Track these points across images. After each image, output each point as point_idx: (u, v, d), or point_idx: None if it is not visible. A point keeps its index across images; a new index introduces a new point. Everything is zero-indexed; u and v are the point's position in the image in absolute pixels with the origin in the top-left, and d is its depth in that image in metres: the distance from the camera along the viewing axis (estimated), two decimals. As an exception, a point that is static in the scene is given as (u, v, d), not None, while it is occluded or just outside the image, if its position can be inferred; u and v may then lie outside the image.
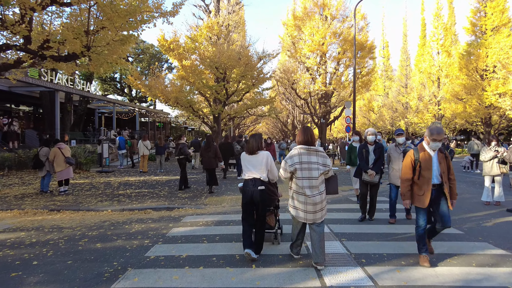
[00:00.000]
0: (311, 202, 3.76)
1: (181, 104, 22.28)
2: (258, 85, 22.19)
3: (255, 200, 4.24)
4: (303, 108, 26.90)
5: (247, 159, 4.42)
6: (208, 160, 9.53)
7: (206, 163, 9.59)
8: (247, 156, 4.42)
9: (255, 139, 4.44)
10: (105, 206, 7.57)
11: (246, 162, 4.42)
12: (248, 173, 4.36)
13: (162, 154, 15.24)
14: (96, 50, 7.81)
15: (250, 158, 4.40)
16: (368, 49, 22.52)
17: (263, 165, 4.33)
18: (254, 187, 4.23)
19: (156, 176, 13.40)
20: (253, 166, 4.34)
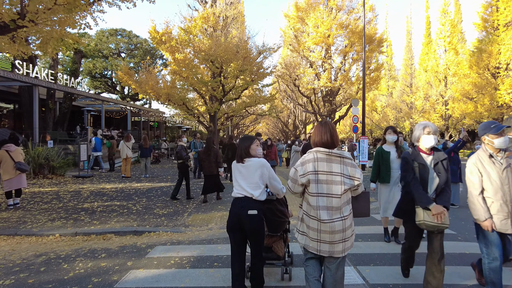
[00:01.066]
0: (328, 229, 2.54)
1: (174, 101, 20.44)
2: (257, 81, 20.36)
3: (245, 227, 3.08)
4: (305, 106, 25.06)
5: (236, 168, 3.26)
6: (209, 165, 8.21)
7: (207, 169, 8.24)
8: (237, 164, 3.26)
9: (245, 142, 3.29)
10: (54, 228, 5.74)
11: (235, 173, 3.26)
12: (237, 188, 3.21)
13: (147, 156, 13.40)
14: (35, 19, 5.89)
15: (240, 167, 3.23)
16: (378, 42, 20.70)
17: (255, 177, 3.15)
18: (242, 209, 3.06)
19: (138, 182, 11.57)
20: (243, 179, 3.19)
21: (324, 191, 2.56)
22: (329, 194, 2.55)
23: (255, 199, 3.09)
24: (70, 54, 20.98)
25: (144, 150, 13.25)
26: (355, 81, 20.01)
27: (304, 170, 2.61)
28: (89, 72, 31.22)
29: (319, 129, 2.69)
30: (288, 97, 27.16)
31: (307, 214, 2.65)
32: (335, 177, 2.55)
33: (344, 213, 2.56)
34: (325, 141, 2.63)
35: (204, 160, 8.31)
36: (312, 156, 2.63)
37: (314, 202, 2.56)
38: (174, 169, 16.47)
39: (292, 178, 2.69)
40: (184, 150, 8.79)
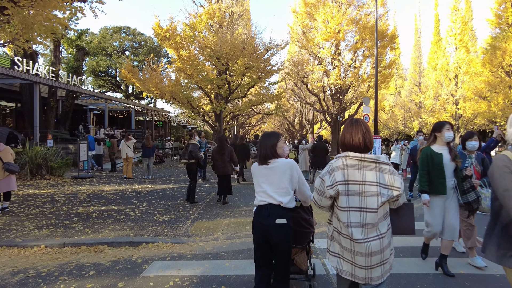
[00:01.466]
0: (363, 251, 2.12)
1: (178, 99, 19.83)
2: (264, 78, 19.66)
3: (271, 240, 2.68)
4: (313, 105, 24.29)
5: (259, 172, 2.82)
6: (222, 164, 7.83)
7: (220, 169, 7.83)
8: (259, 167, 2.82)
9: (269, 139, 2.82)
10: (40, 238, 5.09)
11: (258, 177, 2.84)
12: (261, 195, 2.77)
13: (150, 157, 12.76)
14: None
15: (264, 170, 2.79)
16: (390, 38, 19.90)
17: (284, 182, 2.72)
18: (269, 219, 2.67)
19: (140, 184, 10.93)
20: (269, 184, 2.75)
21: (357, 204, 2.13)
22: (363, 208, 2.12)
23: (283, 206, 2.67)
24: (72, 52, 20.48)
25: (146, 150, 12.61)
26: (366, 79, 19.22)
27: (332, 180, 2.16)
28: (92, 70, 30.72)
29: (349, 128, 2.25)
30: (296, 95, 26.43)
31: (338, 232, 2.23)
32: (369, 187, 2.12)
33: (381, 230, 2.13)
34: (356, 144, 2.19)
35: (217, 159, 7.87)
36: (341, 162, 2.18)
37: (345, 218, 2.14)
38: (179, 170, 15.83)
39: (318, 189, 2.24)
40: (198, 150, 8.19)
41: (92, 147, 14.16)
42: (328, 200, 2.22)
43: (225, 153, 7.84)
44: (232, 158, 8.01)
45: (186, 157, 7.91)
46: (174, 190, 9.74)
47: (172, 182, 11.52)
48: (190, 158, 7.86)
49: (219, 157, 7.87)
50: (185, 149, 8.19)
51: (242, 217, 6.60)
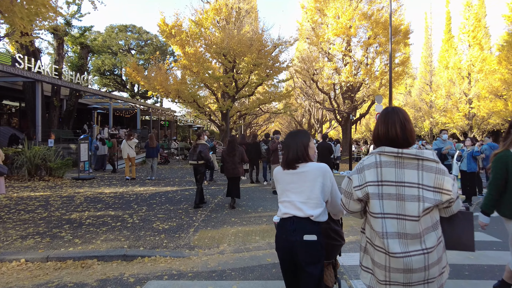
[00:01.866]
0: (402, 266, 1.70)
1: (184, 98, 19.24)
2: (273, 76, 18.99)
3: (296, 258, 2.14)
4: (323, 103, 23.49)
5: (284, 178, 2.28)
6: (232, 166, 7.43)
7: (230, 171, 7.43)
8: (284, 172, 2.28)
9: (299, 139, 2.32)
10: (22, 250, 4.48)
11: (283, 184, 2.28)
12: (287, 205, 2.22)
13: (153, 157, 12.17)
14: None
15: (290, 176, 2.25)
16: (403, 33, 19.08)
17: (316, 191, 2.17)
18: (296, 234, 2.12)
19: (142, 186, 10.32)
20: (297, 193, 2.20)
21: (393, 210, 1.78)
22: (401, 215, 1.77)
23: (313, 220, 2.14)
24: (76, 50, 20.05)
25: (150, 150, 12.02)
26: (379, 76, 18.40)
27: (361, 180, 1.85)
28: (98, 69, 30.33)
29: (384, 118, 1.89)
30: (305, 94, 25.66)
31: (371, 243, 1.87)
32: (408, 189, 1.76)
33: (427, 244, 1.74)
34: (392, 136, 1.84)
35: (227, 161, 7.46)
36: (374, 159, 1.85)
37: (379, 226, 1.79)
38: (184, 171, 15.23)
39: (346, 191, 1.93)
40: (208, 150, 7.71)
41: (90, 147, 13.60)
42: (356, 203, 1.88)
43: (236, 154, 7.42)
44: (243, 159, 7.61)
45: (194, 157, 7.39)
46: (178, 193, 9.12)
47: (176, 184, 10.90)
48: (199, 159, 7.35)
49: (230, 158, 7.45)
50: (193, 150, 7.56)
51: (251, 225, 5.92)
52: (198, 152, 7.30)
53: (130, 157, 12.10)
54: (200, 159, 7.35)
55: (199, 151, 7.30)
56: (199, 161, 7.37)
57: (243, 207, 7.47)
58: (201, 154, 7.30)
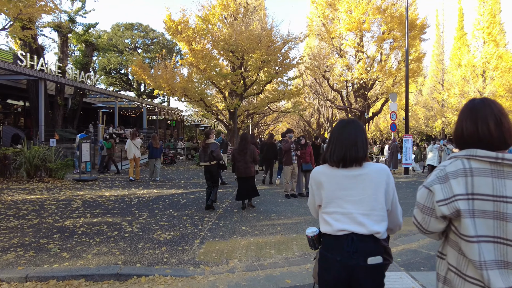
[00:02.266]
0: None
1: (190, 96, 18.63)
2: (282, 73, 18.28)
3: (358, 285, 1.62)
4: (334, 102, 22.67)
5: (332, 181, 1.75)
6: (245, 165, 7.11)
7: (242, 170, 7.10)
8: (334, 172, 1.77)
9: (356, 129, 1.81)
10: (0, 267, 3.85)
11: (330, 190, 1.76)
12: (340, 218, 1.70)
13: (157, 157, 11.58)
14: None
15: (345, 179, 1.73)
16: (419, 28, 18.21)
17: (380, 198, 1.68)
18: (357, 258, 1.62)
19: (145, 188, 9.70)
20: (354, 202, 1.68)
21: (489, 232, 1.32)
22: (500, 238, 1.31)
23: (378, 238, 1.68)
24: (81, 47, 19.60)
25: (153, 150, 11.42)
26: (394, 72, 17.54)
27: (446, 192, 1.36)
28: (103, 68, 29.94)
29: (470, 113, 1.44)
30: (315, 92, 24.87)
31: (459, 274, 1.40)
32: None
33: None
34: (484, 136, 1.38)
35: (239, 160, 7.14)
36: (461, 165, 1.38)
37: (475, 253, 1.31)
38: (190, 172, 14.61)
39: (424, 206, 1.45)
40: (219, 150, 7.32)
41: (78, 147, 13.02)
42: (439, 222, 1.44)
43: (248, 152, 7.10)
44: (255, 158, 7.28)
45: (206, 158, 6.97)
46: (183, 196, 8.47)
47: (181, 186, 10.26)
48: (211, 160, 6.93)
49: (241, 157, 7.11)
50: (203, 150, 7.10)
51: (264, 235, 5.23)
52: (210, 152, 6.87)
53: (136, 157, 11.53)
54: (212, 160, 6.92)
55: (211, 151, 6.87)
56: (211, 162, 6.94)
57: (254, 213, 6.78)
58: (213, 154, 6.87)
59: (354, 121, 1.88)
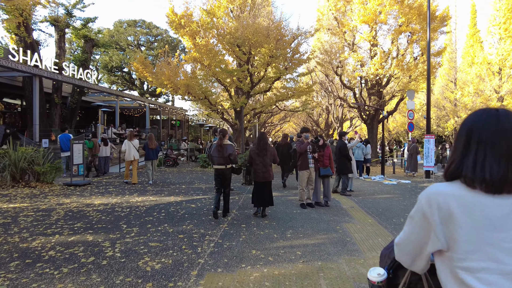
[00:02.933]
0: None
1: (194, 94, 17.55)
2: (292, 69, 17.12)
3: None
4: (346, 100, 21.40)
5: (482, 216, 0.97)
6: (264, 169, 6.41)
7: (260, 174, 6.40)
8: (479, 198, 0.99)
9: None
10: None
11: (481, 230, 0.97)
12: (491, 279, 0.95)
13: (153, 159, 10.55)
14: None
15: (500, 214, 0.96)
16: (439, 20, 16.92)
17: None
18: None
19: (141, 195, 8.62)
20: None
21: None
22: None
23: None
24: (80, 43, 18.65)
25: (150, 151, 10.39)
26: (412, 67, 16.25)
27: None
28: (105, 65, 29.00)
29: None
30: (325, 90, 23.63)
31: None
32: None
33: None
34: None
35: (257, 163, 6.43)
36: None
37: None
38: (193, 175, 13.52)
39: None
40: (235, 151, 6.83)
41: (65, 147, 11.96)
42: None
43: (267, 154, 6.43)
44: (275, 161, 6.68)
45: (221, 161, 6.34)
46: (182, 205, 7.36)
47: (182, 192, 9.16)
48: (227, 162, 6.35)
49: (260, 159, 6.41)
50: (217, 151, 6.39)
51: (281, 262, 4.06)
52: (228, 155, 6.28)
53: (135, 160, 10.49)
54: (228, 163, 6.36)
55: (229, 154, 6.28)
56: (227, 165, 6.38)
57: (266, 228, 5.63)
58: (231, 157, 6.30)
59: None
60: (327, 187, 7.51)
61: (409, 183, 12.27)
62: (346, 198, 8.66)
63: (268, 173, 6.38)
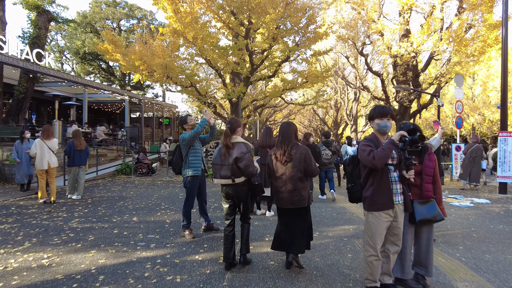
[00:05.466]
0: None
1: (176, 79, 13.38)
2: (306, 46, 12.92)
3: None
4: (369, 90, 17.15)
5: None
6: (290, 186, 3.46)
7: (286, 196, 3.47)
8: None
9: None
10: None
11: None
12: None
13: (81, 165, 6.41)
14: None
15: None
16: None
17: None
18: None
19: (54, 218, 4.42)
20: None
21: None
22: None
23: None
24: (33, 17, 14.51)
25: (76, 154, 6.27)
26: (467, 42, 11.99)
27: None
28: (76, 51, 24.70)
29: None
30: (342, 77, 19.37)
31: None
32: None
33: None
34: None
35: (279, 175, 3.54)
36: None
37: None
38: (168, 190, 9.25)
39: None
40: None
41: None
42: None
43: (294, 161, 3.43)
44: (311, 172, 3.50)
45: (225, 171, 3.54)
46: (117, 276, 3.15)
47: (123, 238, 4.92)
48: (234, 174, 3.52)
49: (283, 169, 3.48)
50: (219, 155, 3.63)
51: None
52: (234, 161, 3.48)
53: (51, 168, 6.33)
54: (238, 175, 3.51)
55: (235, 157, 3.49)
56: (236, 179, 3.52)
57: None
58: (239, 165, 3.48)
59: None
60: (427, 247, 3.30)
61: (488, 204, 8.13)
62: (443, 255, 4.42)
63: (299, 194, 3.44)
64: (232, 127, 3.67)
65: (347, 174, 3.40)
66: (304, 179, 3.48)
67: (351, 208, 7.05)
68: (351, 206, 7.22)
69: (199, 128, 4.55)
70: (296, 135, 3.69)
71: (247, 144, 3.70)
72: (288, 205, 3.49)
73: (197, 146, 4.76)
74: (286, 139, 3.50)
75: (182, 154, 4.73)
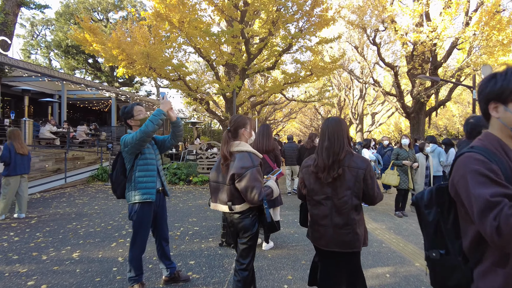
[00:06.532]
0: None
1: (160, 71, 11.62)
2: (312, 33, 11.14)
3: None
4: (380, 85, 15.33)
5: None
6: (336, 220, 2.20)
7: (328, 234, 2.21)
8: None
9: None
10: None
11: None
12: None
13: (24, 173, 4.66)
14: None
15: None
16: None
17: None
18: None
19: None
20: None
21: None
22: None
23: None
24: (0, 2, 12.73)
25: (16, 159, 4.55)
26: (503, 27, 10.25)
27: None
28: (58, 44, 22.83)
29: None
30: (349, 73, 17.60)
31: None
32: None
33: None
34: None
35: (316, 201, 2.29)
36: None
37: None
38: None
39: None
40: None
41: None
42: None
43: (345, 179, 2.15)
44: (373, 197, 2.18)
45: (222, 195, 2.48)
46: None
47: (57, 274, 3.17)
48: (232, 199, 2.41)
49: (323, 190, 2.23)
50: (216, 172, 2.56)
51: None
52: (231, 178, 2.39)
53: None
54: (238, 200, 2.41)
55: (231, 174, 2.38)
56: (236, 206, 2.41)
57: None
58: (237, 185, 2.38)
59: None
60: None
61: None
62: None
63: (352, 230, 2.16)
64: (234, 129, 2.53)
65: (427, 227, 1.58)
66: (360, 208, 2.25)
67: (384, 237, 5.29)
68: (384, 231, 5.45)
69: (150, 125, 2.80)
70: (349, 138, 2.23)
71: (254, 154, 2.49)
72: (334, 246, 2.23)
73: (149, 154, 3.01)
74: (336, 144, 2.16)
75: (125, 167, 2.98)
